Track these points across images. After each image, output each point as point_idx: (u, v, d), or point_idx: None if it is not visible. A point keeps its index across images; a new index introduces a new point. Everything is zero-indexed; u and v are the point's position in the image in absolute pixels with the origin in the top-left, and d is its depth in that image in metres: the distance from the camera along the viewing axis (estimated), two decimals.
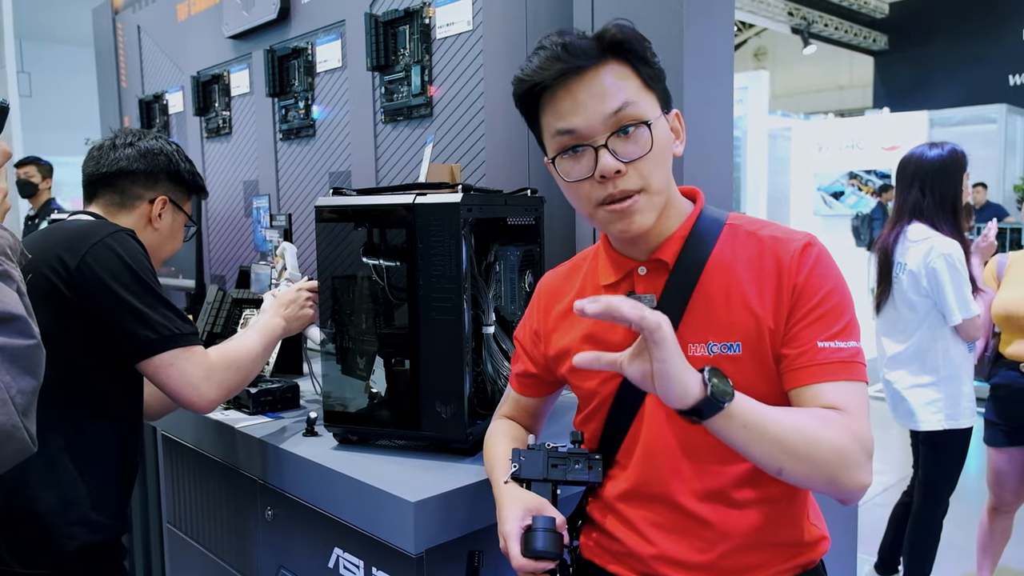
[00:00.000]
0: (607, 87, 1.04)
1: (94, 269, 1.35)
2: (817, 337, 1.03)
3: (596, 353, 0.97)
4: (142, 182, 1.59)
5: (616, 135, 1.04)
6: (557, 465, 1.15)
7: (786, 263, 1.06)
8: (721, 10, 1.72)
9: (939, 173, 2.69)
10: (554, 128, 1.08)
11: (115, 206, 1.59)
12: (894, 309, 2.78)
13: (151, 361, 1.37)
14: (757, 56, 16.00)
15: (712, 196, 1.22)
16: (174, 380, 1.38)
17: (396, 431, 1.47)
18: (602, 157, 1.04)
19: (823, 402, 1.01)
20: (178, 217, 1.67)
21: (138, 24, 3.60)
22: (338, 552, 1.41)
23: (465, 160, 2.11)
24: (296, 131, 2.71)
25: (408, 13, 2.20)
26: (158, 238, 1.63)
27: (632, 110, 1.04)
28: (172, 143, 1.67)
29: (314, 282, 1.72)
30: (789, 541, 1.10)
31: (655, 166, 1.06)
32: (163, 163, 1.61)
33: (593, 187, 1.06)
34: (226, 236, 3.18)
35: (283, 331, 1.63)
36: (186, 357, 1.39)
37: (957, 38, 12.78)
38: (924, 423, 2.70)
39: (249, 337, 1.56)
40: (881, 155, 9.09)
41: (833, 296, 1.05)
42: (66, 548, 1.36)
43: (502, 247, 1.58)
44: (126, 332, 1.36)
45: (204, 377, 1.40)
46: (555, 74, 1.04)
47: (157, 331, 1.36)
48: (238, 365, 1.48)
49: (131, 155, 1.58)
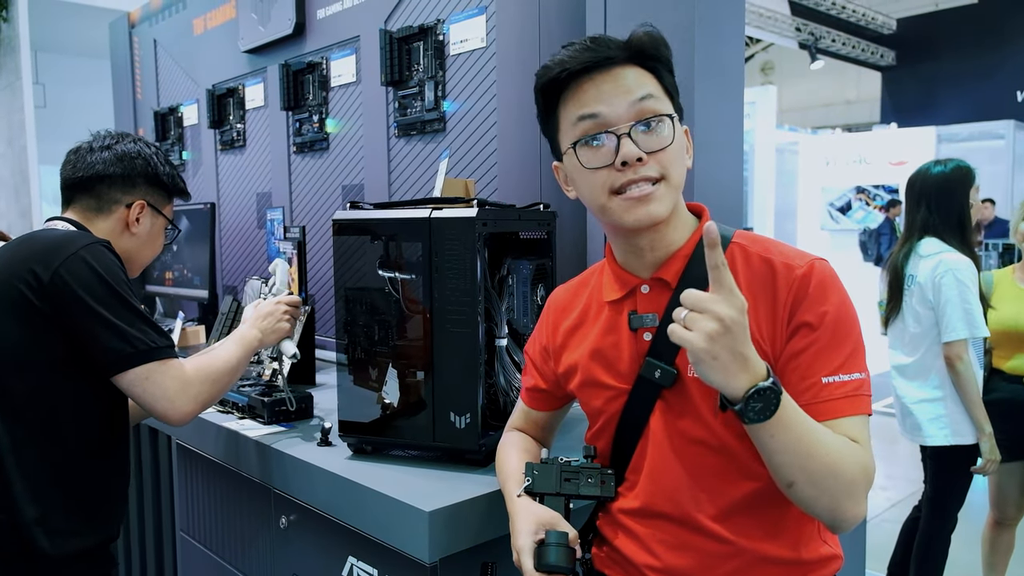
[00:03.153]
0: (630, 81, 1.08)
1: (68, 282, 1.34)
2: (821, 372, 1.02)
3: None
4: (119, 186, 1.57)
5: (638, 126, 1.06)
6: (570, 479, 1.16)
7: (785, 289, 1.05)
8: (732, 27, 1.75)
9: (943, 190, 2.72)
10: (575, 115, 1.10)
11: (91, 211, 1.57)
12: (902, 322, 2.80)
13: (126, 375, 1.36)
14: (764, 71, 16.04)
15: (722, 212, 1.23)
16: (150, 393, 1.37)
17: (410, 441, 1.49)
18: (624, 144, 1.06)
19: None
20: (157, 221, 1.65)
21: (154, 38, 3.65)
22: (352, 561, 1.43)
23: (477, 174, 2.13)
24: (310, 144, 2.74)
25: (422, 29, 2.24)
26: (136, 243, 1.62)
27: (655, 104, 1.08)
28: (152, 146, 1.65)
29: (294, 296, 1.75)
30: (799, 559, 1.10)
31: (675, 159, 1.08)
32: (140, 166, 1.59)
33: (611, 174, 1.07)
34: (239, 247, 3.21)
35: (259, 343, 1.62)
36: (162, 370, 1.38)
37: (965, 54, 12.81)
38: (930, 438, 2.70)
39: (227, 349, 1.55)
40: (888, 170, 9.10)
41: (835, 324, 1.03)
42: (49, 558, 1.37)
43: (515, 261, 1.60)
44: (101, 346, 1.35)
45: (180, 390, 1.39)
46: (583, 62, 1.08)
47: (133, 345, 1.36)
48: (214, 378, 1.47)
49: (107, 159, 1.56)
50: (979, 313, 2.59)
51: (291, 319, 1.70)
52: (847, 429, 1.01)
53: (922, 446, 2.82)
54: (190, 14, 3.36)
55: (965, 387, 2.60)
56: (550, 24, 1.94)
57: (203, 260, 2.85)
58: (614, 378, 1.16)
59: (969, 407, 2.62)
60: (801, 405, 1.00)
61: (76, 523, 1.41)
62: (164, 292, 3.16)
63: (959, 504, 2.82)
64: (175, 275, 3.05)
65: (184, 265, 2.99)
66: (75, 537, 1.41)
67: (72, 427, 1.42)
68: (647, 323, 1.11)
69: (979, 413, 2.62)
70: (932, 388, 2.70)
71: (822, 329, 1.03)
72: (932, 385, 2.70)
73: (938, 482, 2.81)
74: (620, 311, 1.17)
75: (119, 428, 1.52)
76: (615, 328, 1.17)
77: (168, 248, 3.07)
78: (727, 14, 1.72)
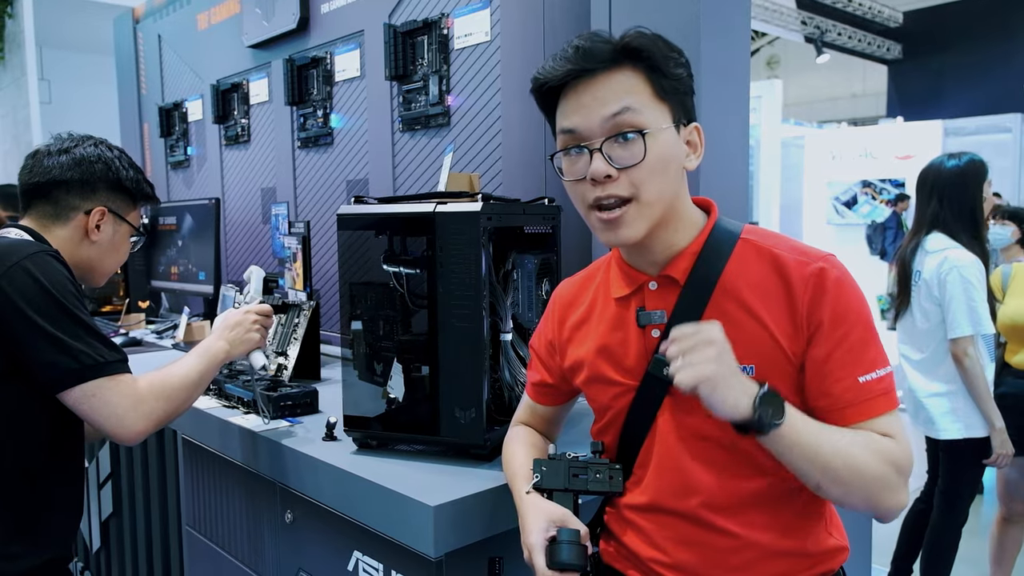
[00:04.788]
0: (610, 92, 1.05)
1: (7, 294, 1.27)
2: (857, 372, 1.03)
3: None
4: (77, 192, 1.50)
5: (613, 140, 1.05)
6: (578, 475, 1.16)
7: (800, 286, 1.05)
8: (738, 22, 1.74)
9: (957, 184, 2.71)
10: (559, 126, 1.10)
11: (48, 218, 1.49)
12: (911, 318, 2.81)
13: (72, 392, 1.29)
14: (770, 64, 15.98)
15: (728, 206, 1.23)
16: (97, 411, 1.30)
17: (415, 436, 1.49)
18: (594, 160, 1.06)
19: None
20: (121, 228, 1.57)
21: (159, 33, 3.65)
22: (357, 555, 1.43)
23: (482, 169, 2.13)
24: (314, 139, 2.74)
25: (426, 24, 2.23)
26: (97, 251, 1.54)
27: (631, 116, 1.04)
28: (115, 149, 1.58)
29: (265, 306, 1.68)
30: (806, 552, 1.10)
31: (649, 175, 1.05)
32: (100, 171, 1.52)
33: (587, 188, 1.08)
34: (244, 242, 3.22)
35: (226, 355, 1.55)
36: (110, 387, 1.31)
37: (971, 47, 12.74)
38: (943, 432, 2.71)
39: (187, 362, 1.48)
40: (895, 164, 9.06)
41: (860, 322, 1.05)
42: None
43: (519, 255, 1.60)
44: (43, 361, 1.28)
45: (130, 408, 1.32)
46: (562, 75, 1.07)
47: (78, 359, 1.28)
48: (169, 394, 1.40)
49: (64, 163, 1.49)
50: (984, 309, 2.60)
51: (261, 329, 1.62)
52: (885, 425, 1.03)
53: (934, 440, 2.82)
54: (194, 9, 3.36)
55: (973, 382, 2.61)
56: (554, 18, 1.93)
57: (208, 255, 2.85)
58: (621, 374, 1.16)
59: (979, 402, 2.63)
60: (842, 408, 1.03)
61: (18, 548, 1.34)
62: (169, 287, 3.17)
63: (971, 498, 2.83)
64: (180, 270, 3.06)
65: (189, 260, 3.00)
66: (17, 561, 1.34)
67: (11, 448, 1.34)
68: (655, 320, 1.11)
69: (989, 408, 2.62)
70: (943, 383, 2.72)
71: (848, 328, 1.04)
72: (942, 380, 2.72)
73: (951, 476, 2.82)
74: (627, 307, 1.16)
75: (68, 447, 1.45)
76: (622, 324, 1.17)
77: (172, 244, 3.09)
78: (733, 8, 1.71)
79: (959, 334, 2.60)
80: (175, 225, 3.10)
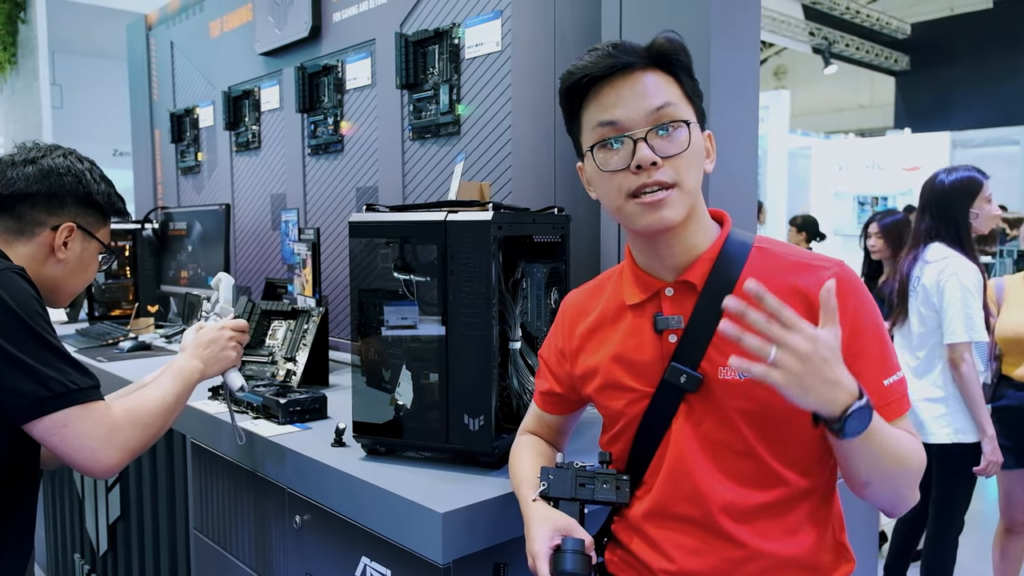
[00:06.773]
0: (650, 87, 1.09)
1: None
2: (882, 376, 1.07)
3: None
4: (43, 206, 1.40)
5: (655, 131, 1.08)
6: (585, 484, 1.16)
7: (814, 292, 1.05)
8: (747, 32, 1.75)
9: (944, 200, 2.79)
10: (596, 120, 1.12)
11: (11, 233, 1.38)
12: (908, 324, 2.87)
13: (40, 422, 1.18)
14: (777, 75, 16.01)
15: (736, 218, 1.24)
16: (69, 443, 1.19)
17: (424, 443, 1.50)
18: (640, 148, 1.07)
19: None
20: (90, 246, 1.47)
21: (171, 40, 3.68)
22: (365, 561, 1.44)
23: (492, 177, 2.14)
24: (324, 147, 2.76)
25: (438, 33, 2.25)
26: (63, 270, 1.43)
27: (673, 110, 1.09)
28: (85, 160, 1.48)
29: (241, 321, 1.59)
30: (815, 564, 1.11)
31: (688, 165, 1.09)
32: (70, 184, 1.42)
33: (627, 177, 1.09)
34: (253, 248, 3.24)
35: (200, 375, 1.47)
36: (83, 416, 1.20)
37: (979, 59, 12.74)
38: (933, 435, 2.74)
39: (161, 385, 1.39)
40: (902, 176, 9.05)
41: (877, 328, 1.09)
42: None
43: (529, 264, 1.61)
44: (6, 388, 1.16)
45: (104, 438, 1.22)
46: (604, 68, 1.09)
47: (47, 386, 1.17)
48: (146, 421, 1.30)
49: (30, 175, 1.39)
50: (979, 318, 2.65)
51: (238, 347, 1.54)
52: (907, 425, 1.08)
53: (927, 445, 2.83)
54: (207, 16, 3.39)
55: (968, 388, 2.65)
56: (565, 29, 1.95)
57: (218, 261, 2.87)
58: (637, 381, 1.17)
59: (972, 408, 2.67)
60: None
61: None
62: (179, 292, 3.19)
63: (965, 505, 2.84)
64: (190, 275, 3.08)
65: (199, 265, 3.02)
66: None
67: None
68: (673, 325, 1.12)
69: (981, 414, 2.66)
70: (934, 387, 2.76)
71: (869, 335, 1.07)
72: (934, 384, 2.76)
73: (943, 483, 2.84)
74: (642, 314, 1.17)
75: (25, 481, 1.34)
76: (638, 331, 1.17)
77: (182, 249, 3.11)
78: (743, 19, 1.72)
79: (956, 340, 2.65)
80: (185, 230, 3.13)
